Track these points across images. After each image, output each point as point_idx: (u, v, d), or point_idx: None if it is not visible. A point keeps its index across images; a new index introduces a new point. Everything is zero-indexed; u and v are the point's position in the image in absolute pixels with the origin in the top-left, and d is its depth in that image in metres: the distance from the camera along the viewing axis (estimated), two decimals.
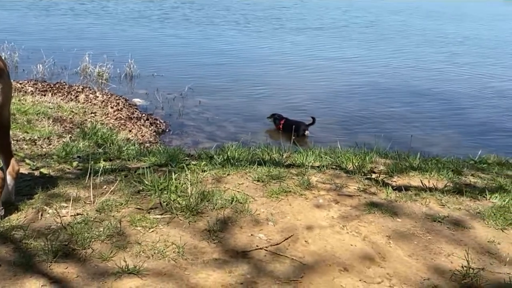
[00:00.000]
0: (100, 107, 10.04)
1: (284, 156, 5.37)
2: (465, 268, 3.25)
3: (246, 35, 20.94)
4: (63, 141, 6.67)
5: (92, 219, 3.55)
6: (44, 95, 10.17)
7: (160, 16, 24.61)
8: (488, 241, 3.65)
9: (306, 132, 10.03)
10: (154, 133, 9.15)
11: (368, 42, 21.27)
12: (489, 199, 4.35)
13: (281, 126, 10.12)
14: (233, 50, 18.10)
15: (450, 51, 20.18)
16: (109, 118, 9.36)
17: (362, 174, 4.78)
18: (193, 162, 4.81)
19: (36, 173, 4.48)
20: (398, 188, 4.43)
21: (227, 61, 16.17)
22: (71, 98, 10.37)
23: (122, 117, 9.51)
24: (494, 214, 4.01)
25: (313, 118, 10.14)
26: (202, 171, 4.54)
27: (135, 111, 10.26)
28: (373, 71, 15.84)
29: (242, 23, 23.90)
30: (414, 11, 33.37)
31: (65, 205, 3.73)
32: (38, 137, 6.98)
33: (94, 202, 3.80)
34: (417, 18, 30.20)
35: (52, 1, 27.02)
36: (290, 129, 9.81)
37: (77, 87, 11.33)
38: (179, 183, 4.09)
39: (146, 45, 17.86)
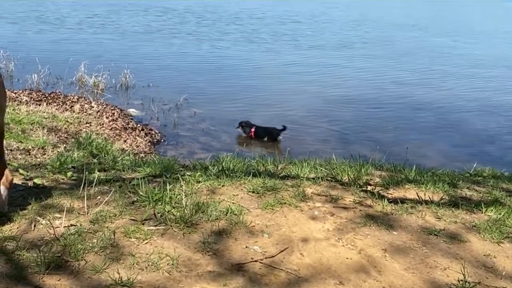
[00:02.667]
0: (95, 117, 10.02)
1: (279, 168, 5.35)
2: (461, 282, 3.23)
3: (243, 48, 20.96)
4: (58, 151, 6.64)
5: (85, 230, 3.51)
6: (39, 105, 10.15)
7: (161, 29, 24.57)
8: (484, 255, 3.64)
9: (279, 137, 10.30)
10: (149, 144, 9.14)
11: (363, 55, 21.35)
12: (484, 212, 4.34)
13: (252, 133, 10.38)
14: (229, 62, 18.12)
15: (445, 64, 20.28)
16: (104, 128, 9.34)
17: (358, 186, 4.76)
18: (188, 173, 4.79)
19: (30, 183, 4.45)
20: (394, 201, 4.41)
21: (223, 73, 16.20)
22: (66, 108, 10.34)
23: (117, 127, 9.50)
24: (490, 228, 4.00)
25: (284, 127, 10.37)
26: (197, 182, 4.51)
27: (130, 122, 10.26)
28: (368, 84, 15.88)
29: (240, 36, 23.94)
30: (411, 23, 33.53)
31: (59, 216, 3.70)
32: (33, 147, 6.95)
33: (88, 213, 3.77)
34: (411, 31, 30.39)
35: (61, 14, 26.92)
36: (261, 135, 10.13)
37: (72, 97, 11.31)
38: (174, 194, 4.06)
39: (142, 56, 17.87)
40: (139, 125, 10.09)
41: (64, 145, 7.34)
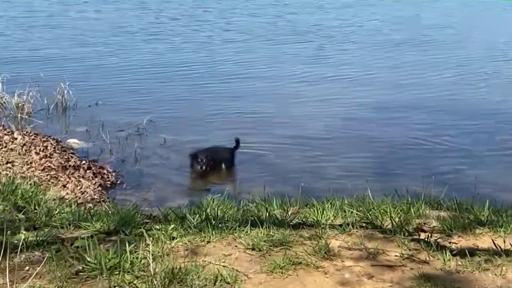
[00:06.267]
0: (20, 153, 10.02)
1: (289, 212, 5.37)
2: None
3: (232, 49, 21.07)
4: None
5: None
6: None
7: (112, 25, 24.75)
8: None
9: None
10: (100, 188, 9.10)
11: (404, 53, 21.47)
12: None
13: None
14: (211, 67, 18.16)
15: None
16: (33, 168, 9.33)
17: (406, 234, 4.79)
18: (157, 227, 4.80)
19: None
20: (459, 253, 4.43)
21: (203, 83, 16.20)
22: None
23: (53, 167, 9.50)
24: None
25: (237, 141, 10.68)
26: (171, 239, 4.53)
27: (72, 158, 10.24)
28: (412, 92, 15.82)
29: (227, 34, 24.13)
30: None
31: None
32: None
33: None
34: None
35: None
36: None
37: None
38: (137, 257, 4.06)
39: (86, 65, 17.90)
40: (84, 162, 10.06)
41: None
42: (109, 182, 9.58)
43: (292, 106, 14.20)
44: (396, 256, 4.39)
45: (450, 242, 4.71)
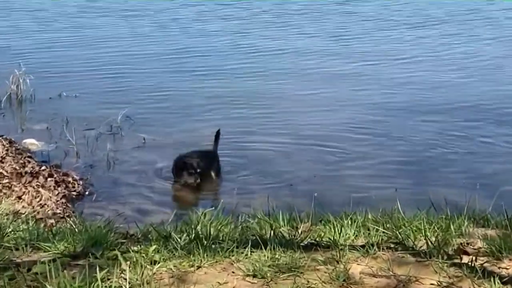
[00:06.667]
0: None
1: (300, 230, 5.35)
2: None
3: (218, 31, 21.12)
4: None
5: None
6: None
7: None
8: None
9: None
10: (64, 200, 9.12)
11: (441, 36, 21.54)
12: None
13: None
14: (198, 54, 18.18)
15: None
16: None
17: (445, 257, 4.73)
18: (135, 248, 4.79)
19: None
20: (511, 281, 4.39)
21: (188, 73, 16.20)
22: None
23: (5, 174, 9.54)
24: None
25: (217, 134, 10.85)
26: (152, 263, 4.49)
27: (29, 162, 10.25)
28: (448, 82, 15.88)
29: (213, 12, 24.23)
30: None
31: None
32: None
33: None
34: None
35: None
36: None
37: None
38: (110, 286, 4.02)
39: (48, 49, 17.96)
40: (44, 168, 10.05)
41: None
42: (75, 193, 9.59)
43: (303, 101, 14.19)
44: (432, 284, 4.36)
45: (499, 267, 4.68)
